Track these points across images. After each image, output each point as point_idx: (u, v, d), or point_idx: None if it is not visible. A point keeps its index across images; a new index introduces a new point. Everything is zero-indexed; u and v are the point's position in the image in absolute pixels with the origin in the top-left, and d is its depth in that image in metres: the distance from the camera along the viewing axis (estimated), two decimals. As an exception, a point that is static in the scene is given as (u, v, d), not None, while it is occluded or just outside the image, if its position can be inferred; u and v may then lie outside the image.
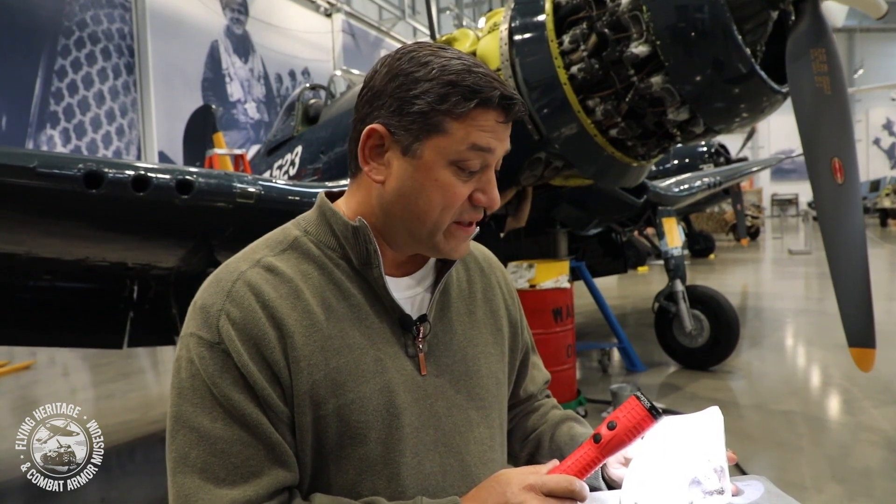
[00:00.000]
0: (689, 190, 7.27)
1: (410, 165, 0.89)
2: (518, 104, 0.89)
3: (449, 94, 0.85)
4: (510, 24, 3.65)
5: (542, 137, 3.69)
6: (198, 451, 0.82)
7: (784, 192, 32.89)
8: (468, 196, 0.90)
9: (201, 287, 0.91)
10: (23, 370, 6.72)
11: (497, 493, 0.84)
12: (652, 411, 0.84)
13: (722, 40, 3.10)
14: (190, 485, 0.81)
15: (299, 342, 0.86)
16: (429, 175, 0.88)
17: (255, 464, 0.82)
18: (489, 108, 0.86)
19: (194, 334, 0.86)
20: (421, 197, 0.89)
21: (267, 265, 0.90)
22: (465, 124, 0.86)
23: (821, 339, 6.41)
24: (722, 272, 13.08)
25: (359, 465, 0.88)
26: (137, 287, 3.87)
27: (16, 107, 11.26)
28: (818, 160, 2.82)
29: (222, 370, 0.83)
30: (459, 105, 0.85)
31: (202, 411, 0.83)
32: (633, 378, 5.30)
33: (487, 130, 0.87)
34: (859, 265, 2.73)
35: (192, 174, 3.05)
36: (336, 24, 19.82)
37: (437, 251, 0.94)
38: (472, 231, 0.95)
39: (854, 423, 4.00)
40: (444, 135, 0.86)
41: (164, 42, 13.90)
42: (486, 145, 0.87)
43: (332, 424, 0.87)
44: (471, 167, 0.88)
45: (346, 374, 0.88)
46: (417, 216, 0.90)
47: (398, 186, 0.90)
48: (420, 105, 0.86)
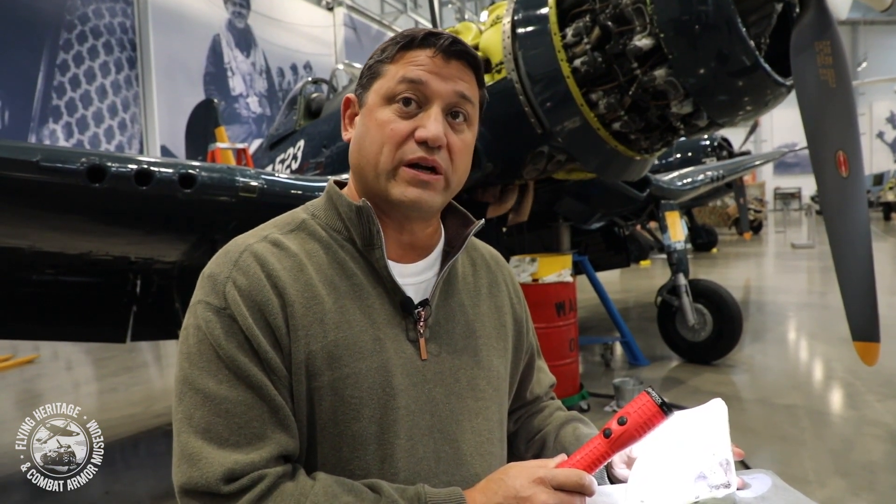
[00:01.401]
0: (692, 184, 7.26)
1: (362, 115, 0.98)
2: (447, 38, 0.93)
3: (387, 46, 0.97)
4: (513, 18, 3.64)
5: (544, 131, 3.68)
6: (202, 411, 0.83)
7: (787, 185, 32.84)
8: (411, 134, 0.92)
9: (211, 259, 0.94)
10: (26, 364, 6.74)
11: (506, 486, 0.84)
12: (663, 407, 0.84)
13: (726, 33, 3.08)
14: (194, 444, 0.82)
15: (299, 312, 0.88)
16: (371, 116, 0.95)
17: (259, 426, 0.84)
18: (416, 46, 0.94)
19: (202, 301, 0.88)
20: (367, 138, 0.95)
21: (274, 240, 0.94)
22: (398, 64, 0.94)
23: (824, 333, 6.41)
24: (725, 266, 13.07)
25: (352, 441, 0.89)
26: (140, 281, 3.88)
27: (18, 101, 11.27)
28: (822, 153, 2.80)
29: (228, 334, 0.85)
30: (391, 49, 0.95)
31: (208, 374, 0.85)
32: (635, 372, 5.30)
33: (417, 65, 0.93)
34: (863, 259, 2.72)
35: (195, 168, 3.04)
36: (338, 17, 19.80)
37: (390, 200, 0.93)
38: (427, 179, 0.92)
39: (857, 417, 3.99)
40: (381, 77, 0.95)
41: (165, 36, 13.90)
42: (416, 77, 0.92)
43: (327, 397, 0.88)
44: (405, 100, 0.92)
45: (344, 349, 0.89)
46: (366, 160, 0.94)
47: (355, 137, 0.99)
48: (370, 62, 0.98)
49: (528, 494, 0.81)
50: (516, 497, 0.82)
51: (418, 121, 0.92)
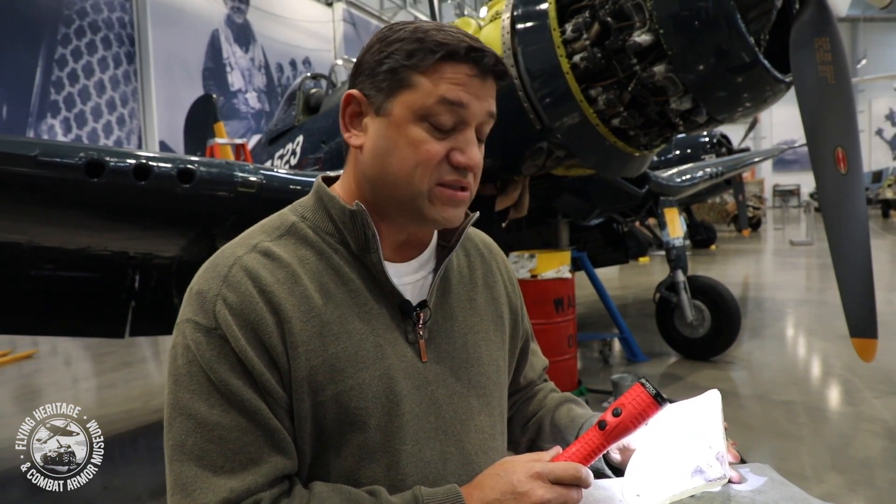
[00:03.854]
0: (691, 180, 7.25)
1: (383, 124, 0.88)
2: (489, 56, 0.86)
3: (416, 50, 0.85)
4: (512, 13, 3.63)
5: (543, 127, 3.67)
6: (195, 438, 0.80)
7: (786, 182, 32.82)
8: (446, 156, 0.87)
9: (197, 273, 0.89)
10: (25, 359, 6.74)
11: (503, 482, 0.83)
12: (657, 398, 0.85)
13: (725, 29, 3.08)
14: (187, 473, 0.79)
15: (297, 327, 0.84)
16: (400, 132, 0.87)
17: (254, 450, 0.81)
18: (457, 60, 0.85)
19: (190, 320, 0.84)
20: (394, 155, 0.87)
21: (264, 250, 0.89)
22: (433, 78, 0.85)
23: (822, 330, 6.41)
24: (723, 263, 13.08)
25: (358, 452, 0.87)
26: (139, 276, 3.88)
27: (16, 96, 11.25)
28: (821, 150, 2.80)
29: (219, 356, 0.81)
30: (426, 58, 0.85)
31: (199, 398, 0.81)
32: (634, 368, 5.31)
33: (457, 83, 0.85)
34: (862, 255, 2.73)
35: (194, 163, 3.04)
36: (337, 13, 19.76)
37: (425, 219, 0.90)
38: (462, 197, 0.90)
39: (855, 413, 4.00)
40: (412, 89, 0.86)
41: (164, 31, 13.87)
42: (457, 99, 0.85)
43: (331, 411, 0.85)
44: (442, 123, 0.86)
45: (346, 361, 0.86)
46: (394, 177, 0.88)
47: (373, 147, 0.89)
48: (389, 63, 0.87)
49: (526, 490, 0.81)
50: (514, 493, 0.82)
51: (453, 142, 0.87)
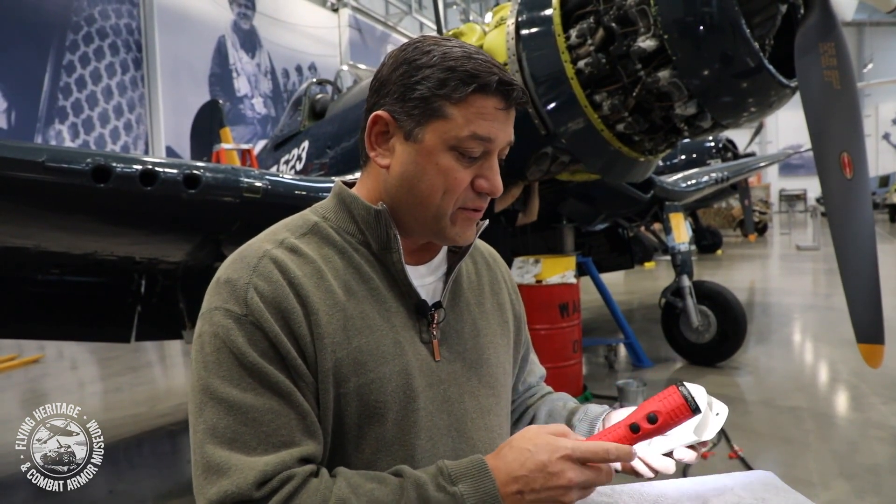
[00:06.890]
0: (697, 185, 7.25)
1: (413, 150, 0.91)
2: (517, 90, 0.90)
3: (448, 79, 0.88)
4: (517, 19, 3.64)
5: (548, 132, 3.68)
6: (227, 421, 0.81)
7: (792, 187, 32.66)
8: (470, 182, 0.92)
9: (223, 265, 0.92)
10: (31, 364, 6.77)
11: (533, 460, 0.80)
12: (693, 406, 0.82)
13: (730, 34, 3.08)
14: (220, 454, 0.80)
15: (323, 320, 0.87)
16: (430, 159, 0.90)
17: (287, 433, 0.82)
18: (487, 93, 0.88)
19: (220, 308, 0.86)
20: (423, 181, 0.91)
21: (290, 246, 0.92)
22: (465, 111, 0.88)
23: (828, 336, 6.39)
24: (729, 268, 13.03)
25: (375, 444, 0.90)
26: (145, 281, 3.89)
27: (24, 102, 11.31)
28: (827, 155, 2.80)
29: (251, 342, 0.83)
30: (458, 90, 0.88)
31: (230, 383, 0.82)
32: (639, 374, 5.29)
33: (488, 119, 0.89)
34: (868, 261, 2.72)
35: (200, 169, 3.05)
36: (343, 19, 19.82)
37: (444, 237, 0.95)
38: (478, 217, 0.97)
39: (862, 419, 3.98)
40: (444, 119, 0.89)
41: (171, 37, 13.92)
42: (487, 135, 0.89)
43: (353, 403, 0.88)
44: (471, 153, 0.90)
45: (367, 355, 0.89)
46: (421, 200, 0.92)
47: (401, 171, 0.93)
48: (421, 90, 0.89)
49: (557, 470, 0.79)
50: (544, 472, 0.79)
51: (478, 170, 0.92)
